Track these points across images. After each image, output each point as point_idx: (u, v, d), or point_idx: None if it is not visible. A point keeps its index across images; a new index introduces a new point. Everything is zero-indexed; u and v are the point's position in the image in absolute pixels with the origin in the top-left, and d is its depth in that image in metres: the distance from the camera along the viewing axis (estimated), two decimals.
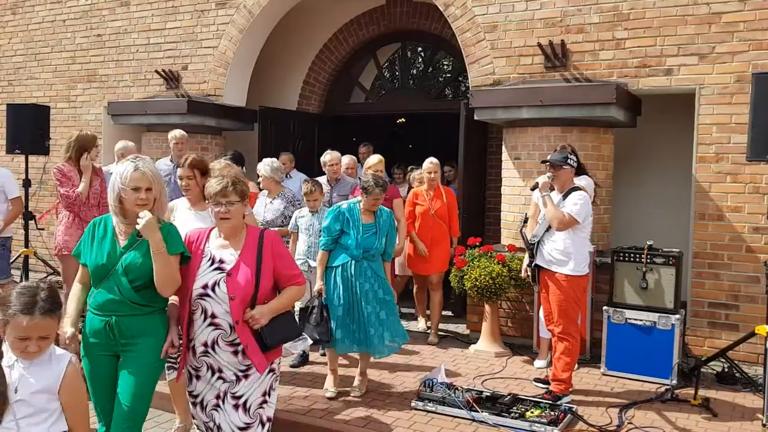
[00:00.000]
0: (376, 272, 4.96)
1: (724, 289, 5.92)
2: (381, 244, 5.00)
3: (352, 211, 4.98)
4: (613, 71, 6.31)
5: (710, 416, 4.76)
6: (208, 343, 3.18)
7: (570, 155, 4.99)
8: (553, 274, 4.89)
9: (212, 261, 3.22)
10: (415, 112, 10.34)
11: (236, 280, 3.14)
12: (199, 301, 3.18)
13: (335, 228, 4.93)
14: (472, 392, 4.82)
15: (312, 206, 5.74)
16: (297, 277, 3.33)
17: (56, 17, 9.73)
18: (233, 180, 3.23)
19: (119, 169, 3.20)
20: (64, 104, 9.64)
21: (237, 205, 3.20)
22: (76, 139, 5.89)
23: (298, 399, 4.99)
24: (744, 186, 5.85)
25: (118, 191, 3.15)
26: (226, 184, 3.20)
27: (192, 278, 3.19)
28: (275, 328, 3.20)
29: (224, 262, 3.20)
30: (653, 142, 7.17)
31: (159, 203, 3.24)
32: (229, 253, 3.23)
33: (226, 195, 3.19)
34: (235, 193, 3.20)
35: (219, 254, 3.23)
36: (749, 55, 5.81)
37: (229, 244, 3.25)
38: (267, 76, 9.42)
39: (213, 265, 3.20)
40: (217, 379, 3.21)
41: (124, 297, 3.13)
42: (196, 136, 8.49)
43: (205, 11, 8.51)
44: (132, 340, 3.16)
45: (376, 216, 5.03)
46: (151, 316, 3.21)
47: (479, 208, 8.22)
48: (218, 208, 3.21)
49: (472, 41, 6.91)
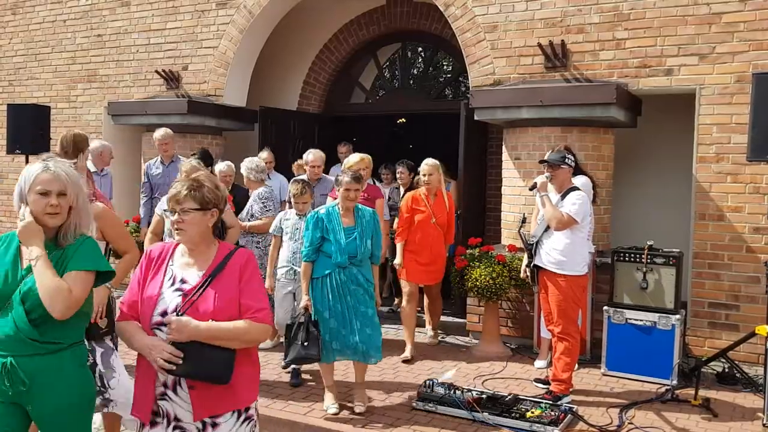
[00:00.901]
0: (367, 278, 4.71)
1: (725, 290, 5.92)
2: (366, 247, 4.69)
3: (330, 215, 4.67)
4: (614, 71, 6.31)
5: (710, 416, 4.76)
6: (167, 383, 2.52)
7: (568, 155, 4.99)
8: (552, 274, 4.89)
9: (173, 282, 2.61)
10: (415, 113, 10.35)
11: (195, 306, 2.52)
12: (157, 330, 2.53)
13: (316, 236, 4.64)
14: (473, 392, 4.83)
15: (300, 209, 5.37)
16: (259, 311, 2.54)
17: (57, 17, 9.73)
18: (191, 184, 2.62)
19: (25, 171, 2.66)
20: (65, 104, 9.64)
21: (194, 213, 2.58)
22: (72, 139, 5.87)
23: (298, 399, 4.99)
24: (744, 186, 5.85)
25: (23, 196, 2.62)
26: (179, 189, 2.61)
27: (151, 304, 2.55)
28: (199, 358, 2.44)
29: (185, 282, 2.59)
30: (653, 143, 7.16)
31: (76, 211, 2.67)
32: (193, 273, 2.62)
33: (179, 201, 2.59)
34: (192, 198, 2.58)
35: (182, 274, 2.62)
36: (749, 55, 5.81)
37: (195, 262, 2.64)
38: (267, 76, 9.42)
39: (173, 286, 2.59)
40: (174, 429, 2.55)
41: (21, 332, 2.51)
42: (196, 137, 8.50)
43: (206, 11, 8.52)
44: (37, 386, 2.54)
45: (356, 217, 4.72)
46: (59, 355, 2.58)
47: (479, 208, 8.21)
48: (172, 217, 2.63)
49: (473, 41, 6.91)
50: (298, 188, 5.35)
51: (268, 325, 2.59)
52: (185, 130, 8.41)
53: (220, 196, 2.67)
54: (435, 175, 6.16)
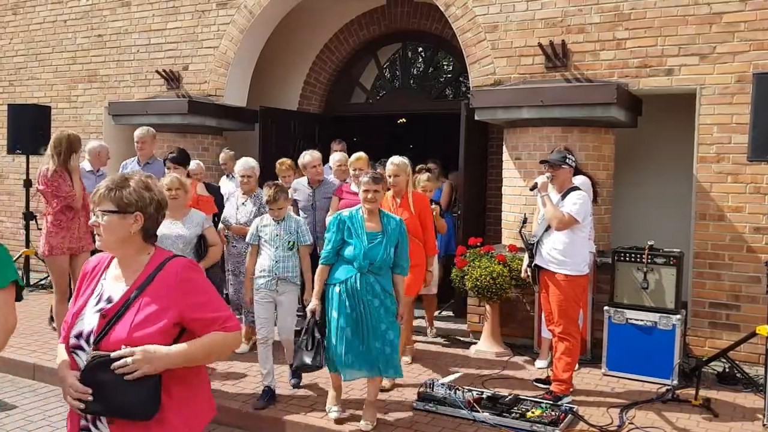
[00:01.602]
0: (385, 288, 4.41)
1: (725, 290, 5.92)
2: (389, 255, 4.42)
3: (353, 218, 4.46)
4: (614, 71, 6.30)
5: (711, 416, 4.76)
6: (88, 417, 2.19)
7: (569, 155, 5.00)
8: (552, 274, 4.89)
9: (99, 299, 2.26)
10: (415, 113, 10.35)
11: (112, 327, 2.16)
12: (74, 355, 2.21)
13: (337, 238, 4.44)
14: (473, 392, 4.82)
15: (277, 215, 5.02)
16: (224, 320, 2.24)
17: (57, 17, 9.74)
18: (113, 182, 2.27)
19: None
20: (65, 104, 9.64)
21: (110, 217, 2.21)
22: (66, 140, 5.88)
23: (298, 398, 4.99)
24: (745, 186, 5.85)
25: None
26: (99, 187, 2.27)
27: (71, 324, 2.25)
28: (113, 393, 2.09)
29: (111, 301, 2.23)
30: (654, 142, 7.16)
31: None
32: (120, 288, 2.25)
33: (96, 201, 2.25)
34: (109, 199, 2.22)
35: (109, 290, 2.27)
36: (750, 55, 5.81)
37: (123, 275, 2.28)
38: (268, 76, 9.42)
39: (98, 305, 2.24)
40: None
41: None
42: (197, 137, 8.51)
43: (206, 11, 8.52)
44: None
45: (383, 223, 4.47)
46: None
47: (480, 208, 8.22)
48: (90, 220, 2.29)
49: (473, 41, 6.91)
50: (271, 194, 4.93)
51: (240, 331, 2.33)
52: (186, 130, 8.42)
53: (148, 199, 2.27)
54: (402, 177, 5.43)
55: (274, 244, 5.00)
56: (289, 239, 5.03)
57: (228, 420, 4.76)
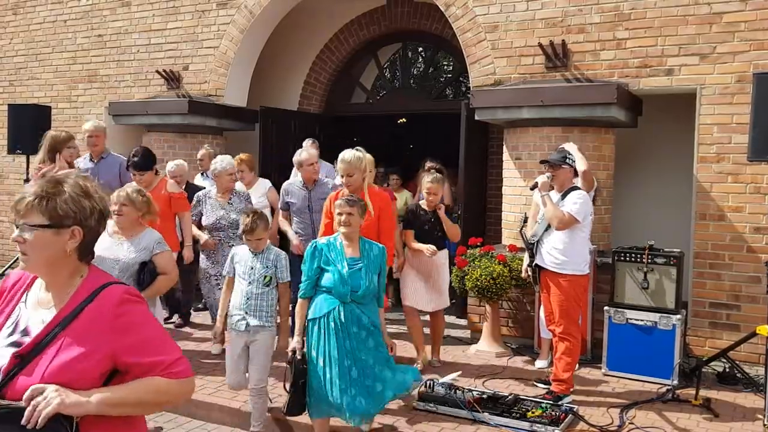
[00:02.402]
0: (371, 320, 4.08)
1: (725, 290, 5.91)
2: (372, 283, 4.06)
3: (331, 245, 4.10)
4: (614, 71, 6.30)
5: (711, 416, 4.76)
6: None
7: (569, 155, 5.00)
8: (553, 274, 4.89)
9: (14, 329, 1.84)
10: (415, 113, 10.36)
11: (26, 369, 1.73)
12: None
13: (313, 268, 4.06)
14: (474, 392, 4.83)
15: (255, 247, 4.42)
16: (168, 365, 1.81)
17: (57, 17, 9.74)
18: (43, 188, 1.82)
19: None
20: (65, 104, 9.64)
21: (40, 232, 1.79)
22: (48, 139, 5.89)
23: None
24: (745, 186, 5.85)
25: None
26: (23, 194, 1.84)
27: None
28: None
29: (28, 334, 1.81)
30: (654, 142, 7.16)
31: None
32: (41, 318, 1.82)
33: (20, 212, 1.82)
34: (40, 211, 1.79)
35: (27, 319, 1.85)
36: (750, 55, 5.81)
37: (49, 301, 1.85)
38: (268, 76, 9.42)
39: (12, 336, 1.82)
40: None
41: None
42: (197, 137, 8.50)
43: (206, 11, 8.52)
44: None
45: (363, 248, 4.14)
46: None
47: (480, 208, 8.22)
48: (14, 233, 1.86)
49: (473, 41, 6.91)
50: (248, 222, 4.34)
51: (192, 377, 1.88)
52: (186, 130, 8.43)
53: (89, 209, 1.84)
54: (357, 175, 5.06)
55: (248, 278, 4.41)
56: (266, 273, 4.41)
57: (228, 420, 4.76)
